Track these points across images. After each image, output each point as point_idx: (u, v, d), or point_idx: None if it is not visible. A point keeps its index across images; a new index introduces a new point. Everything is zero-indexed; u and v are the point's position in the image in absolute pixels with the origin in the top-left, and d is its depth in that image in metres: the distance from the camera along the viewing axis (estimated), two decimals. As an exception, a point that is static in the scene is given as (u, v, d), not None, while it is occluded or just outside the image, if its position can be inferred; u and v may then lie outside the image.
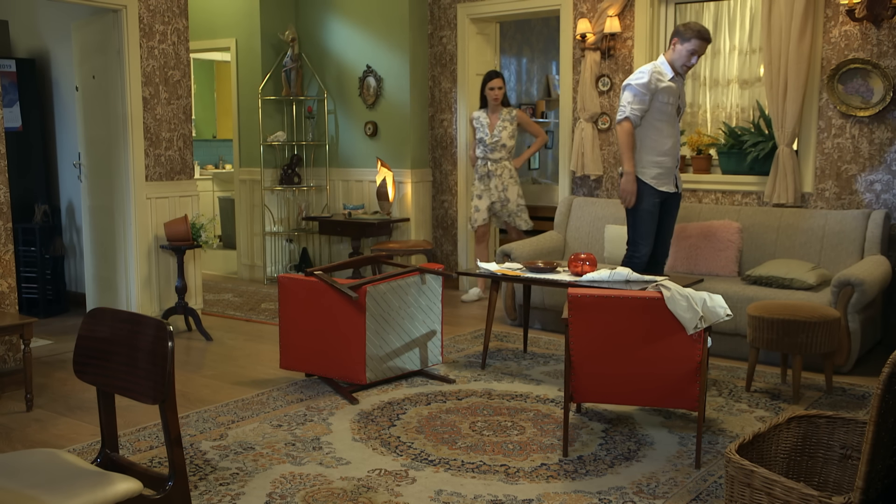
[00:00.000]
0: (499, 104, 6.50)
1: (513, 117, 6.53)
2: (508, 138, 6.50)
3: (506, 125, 6.49)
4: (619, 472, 3.37)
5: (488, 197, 6.58)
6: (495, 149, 6.50)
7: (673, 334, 3.34)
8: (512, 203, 6.54)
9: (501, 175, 6.53)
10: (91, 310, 2.46)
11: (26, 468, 2.21)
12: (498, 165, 6.53)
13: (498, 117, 6.52)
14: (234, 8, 7.75)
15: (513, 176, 6.58)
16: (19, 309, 4.84)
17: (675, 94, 4.90)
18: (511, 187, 6.54)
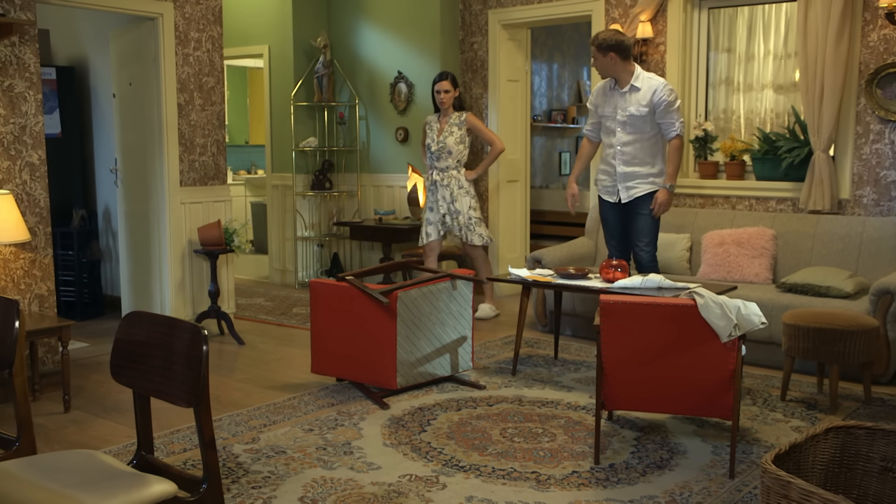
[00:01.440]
0: (448, 108, 6.05)
1: (462, 121, 6.04)
2: (455, 144, 6.00)
3: (453, 130, 6.02)
4: (652, 481, 3.34)
5: (438, 210, 6.11)
6: (441, 156, 6.03)
7: (706, 342, 3.31)
8: (463, 216, 6.04)
9: (449, 185, 6.04)
10: (128, 313, 2.50)
11: (65, 468, 2.25)
12: (445, 175, 6.06)
13: (447, 122, 6.08)
14: (268, 15, 7.83)
15: (462, 186, 6.06)
16: (57, 312, 4.91)
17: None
18: (461, 199, 6.04)
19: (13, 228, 4.22)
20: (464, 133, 6.03)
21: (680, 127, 4.94)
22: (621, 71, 4.94)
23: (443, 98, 5.99)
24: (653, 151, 5.02)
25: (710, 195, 6.03)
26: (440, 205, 6.06)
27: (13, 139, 4.60)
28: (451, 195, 6.02)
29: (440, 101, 5.99)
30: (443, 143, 6.00)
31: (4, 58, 4.53)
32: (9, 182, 4.58)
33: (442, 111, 6.07)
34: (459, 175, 6.06)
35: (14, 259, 4.64)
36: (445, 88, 5.99)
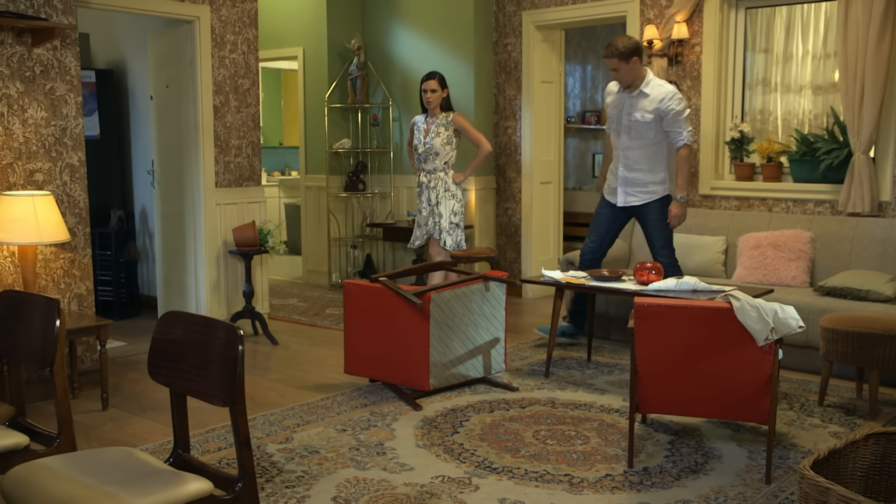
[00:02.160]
0: (435, 108, 5.77)
1: (449, 122, 5.76)
2: (442, 145, 5.73)
3: (440, 131, 5.74)
4: (686, 486, 3.30)
5: (424, 212, 5.87)
6: (428, 158, 5.78)
7: (742, 345, 3.27)
8: (444, 220, 5.75)
9: (435, 187, 5.78)
10: (165, 313, 2.53)
11: (104, 465, 2.28)
12: (432, 177, 5.80)
13: (434, 122, 5.82)
14: (302, 18, 7.89)
15: (448, 189, 5.79)
16: (95, 311, 4.99)
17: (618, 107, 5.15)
18: (445, 202, 5.77)
19: (54, 229, 4.29)
20: (451, 134, 5.78)
21: (688, 136, 4.98)
22: (637, 75, 4.99)
23: (429, 98, 5.72)
24: (655, 159, 5.08)
25: (745, 197, 5.96)
26: (424, 206, 5.84)
27: (54, 141, 4.68)
28: (437, 197, 5.77)
29: (426, 100, 5.74)
30: (429, 144, 5.75)
31: (46, 61, 4.62)
32: (50, 183, 4.67)
33: (429, 111, 5.81)
34: (447, 177, 5.81)
35: (54, 259, 4.72)
36: (432, 88, 5.72)
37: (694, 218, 5.94)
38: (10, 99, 4.48)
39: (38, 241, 4.24)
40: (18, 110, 4.52)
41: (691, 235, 5.82)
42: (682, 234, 5.85)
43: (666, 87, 4.98)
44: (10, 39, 4.47)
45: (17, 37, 4.49)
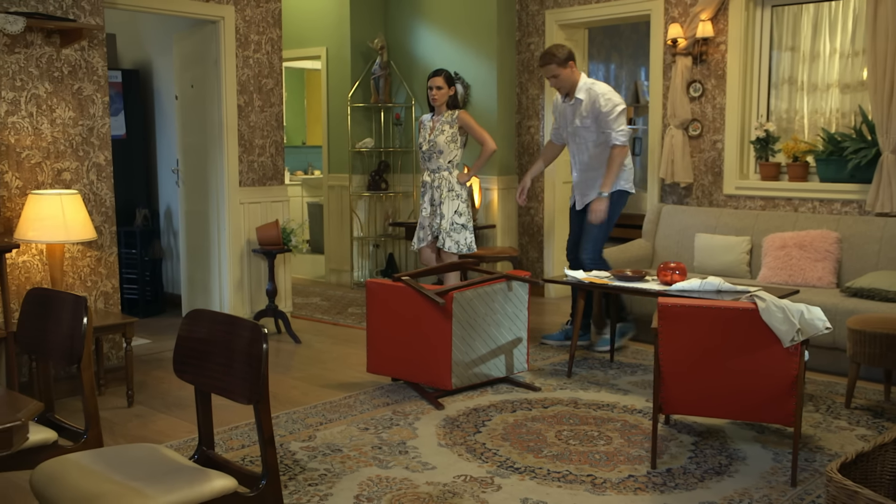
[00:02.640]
0: (441, 105, 5.65)
1: (454, 119, 5.63)
2: (446, 143, 5.60)
3: (444, 128, 5.61)
4: (710, 487, 3.28)
5: (426, 213, 5.73)
6: (431, 156, 5.66)
7: (768, 347, 3.24)
8: (446, 220, 5.60)
9: (439, 187, 5.64)
10: (190, 311, 2.54)
11: (130, 461, 2.30)
12: (436, 176, 5.67)
13: (439, 120, 5.69)
14: (326, 18, 7.92)
15: (452, 189, 5.64)
16: (121, 309, 5.04)
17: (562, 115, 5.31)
18: (448, 202, 5.62)
19: (81, 227, 4.34)
20: (455, 132, 5.63)
21: (618, 136, 5.11)
22: (573, 80, 5.18)
23: (434, 95, 5.60)
24: (603, 159, 5.25)
25: (771, 197, 5.91)
26: (426, 206, 5.71)
27: (81, 140, 4.73)
28: (441, 197, 5.63)
29: (432, 97, 5.62)
30: (433, 141, 5.62)
31: (74, 61, 4.67)
32: (77, 182, 4.72)
33: (435, 109, 5.70)
34: (451, 177, 5.67)
35: (81, 257, 4.78)
36: (438, 85, 5.60)
37: (719, 218, 5.90)
38: (38, 99, 4.54)
39: (66, 239, 4.29)
40: (47, 110, 4.58)
41: (715, 236, 5.78)
42: (707, 234, 5.82)
43: (596, 90, 5.13)
44: (40, 40, 4.52)
45: (46, 38, 4.54)
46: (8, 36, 4.37)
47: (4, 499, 3.18)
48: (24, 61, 4.47)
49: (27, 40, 4.47)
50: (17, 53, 4.44)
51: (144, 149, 6.85)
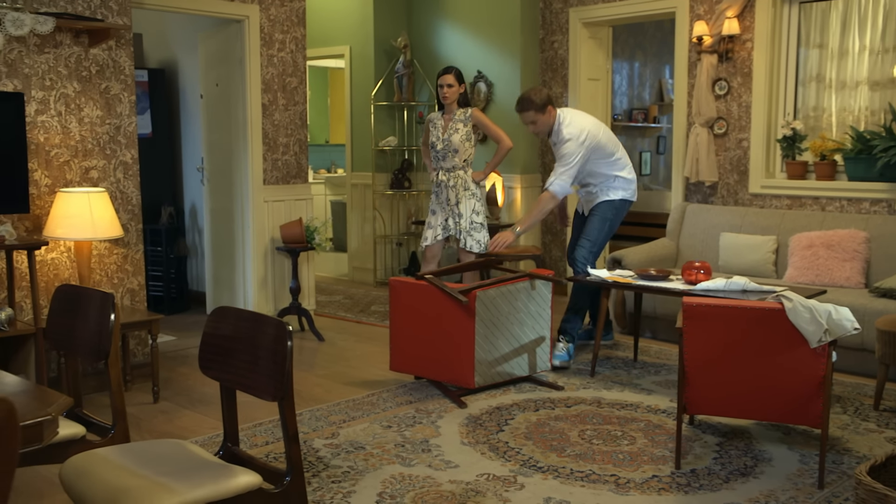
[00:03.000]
0: (452, 103, 5.59)
1: (467, 118, 5.58)
2: (461, 142, 5.55)
3: (458, 127, 5.56)
4: (735, 489, 3.25)
5: (442, 212, 5.65)
6: (446, 155, 5.58)
7: (794, 347, 3.21)
8: (465, 220, 5.55)
9: (455, 186, 5.59)
10: (215, 308, 2.56)
11: (157, 456, 2.32)
12: (451, 175, 5.60)
13: (451, 119, 5.64)
14: (349, 16, 7.94)
15: (468, 188, 5.62)
16: (147, 306, 5.09)
17: None
18: (465, 200, 5.58)
19: (108, 225, 4.39)
20: (469, 130, 5.61)
21: (555, 184, 4.97)
22: (551, 122, 5.08)
23: (446, 93, 5.53)
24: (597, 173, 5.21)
25: (797, 196, 5.85)
26: (443, 206, 5.65)
27: (108, 139, 4.78)
28: (457, 196, 5.59)
29: (443, 95, 5.55)
30: (448, 140, 5.55)
31: (102, 61, 4.72)
32: (104, 180, 4.77)
33: (446, 108, 5.63)
34: (466, 175, 5.64)
35: (108, 254, 4.83)
36: (448, 83, 5.54)
37: (744, 217, 5.85)
38: (67, 98, 4.59)
39: (93, 236, 4.34)
40: (75, 109, 4.63)
41: (741, 235, 5.73)
42: (732, 233, 5.77)
43: (569, 130, 4.98)
44: (68, 40, 4.58)
45: (74, 38, 4.59)
46: (38, 36, 4.42)
47: (34, 492, 3.23)
48: (53, 61, 4.52)
49: (56, 40, 4.52)
50: (47, 53, 4.49)
51: (170, 147, 6.90)
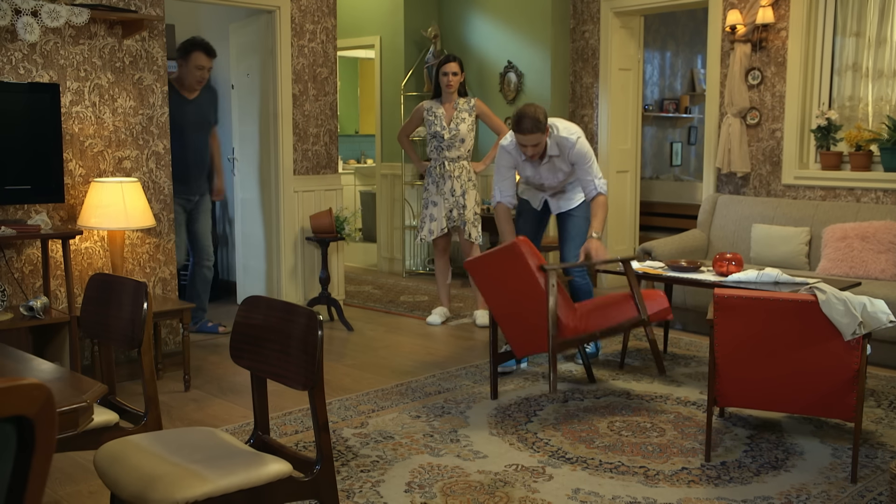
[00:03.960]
0: (454, 93, 5.62)
1: (471, 107, 5.62)
2: (468, 132, 5.59)
3: (464, 117, 5.59)
4: (766, 482, 3.23)
5: (444, 203, 5.66)
6: (453, 145, 5.58)
7: (828, 340, 3.17)
8: (469, 210, 5.62)
9: (460, 176, 5.62)
10: (246, 298, 2.58)
11: (189, 444, 2.35)
12: (456, 165, 5.61)
13: (454, 108, 5.60)
14: (380, 7, 7.94)
15: (472, 179, 5.66)
16: (178, 295, 5.14)
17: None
18: (469, 192, 5.65)
19: (140, 214, 4.44)
20: (474, 120, 5.63)
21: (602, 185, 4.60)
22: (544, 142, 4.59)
23: (450, 81, 5.56)
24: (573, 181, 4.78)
25: (832, 187, 5.76)
26: (447, 197, 5.62)
27: (141, 129, 4.83)
28: (462, 187, 5.60)
29: (447, 83, 5.56)
30: (455, 130, 5.56)
31: (135, 52, 4.76)
32: (137, 170, 4.82)
33: (445, 96, 5.63)
34: (469, 166, 5.67)
35: (140, 244, 4.88)
36: (454, 70, 5.56)
37: (777, 208, 5.77)
38: (101, 89, 4.64)
39: (126, 226, 4.40)
40: (109, 100, 4.68)
41: (773, 226, 5.66)
42: (764, 224, 5.70)
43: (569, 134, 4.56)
44: (103, 32, 4.63)
45: (108, 29, 4.64)
46: (73, 28, 4.47)
47: (68, 477, 3.29)
48: (87, 52, 4.58)
49: (91, 31, 4.57)
50: (82, 45, 4.55)
51: (201, 138, 6.95)
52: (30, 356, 2.50)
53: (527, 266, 3.93)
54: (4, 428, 1.25)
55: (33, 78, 4.38)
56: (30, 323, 4.10)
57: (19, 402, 1.23)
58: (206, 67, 5.31)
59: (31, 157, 4.27)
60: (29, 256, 4.46)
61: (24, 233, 4.09)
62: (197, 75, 5.29)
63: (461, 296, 6.78)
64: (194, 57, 5.24)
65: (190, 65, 5.26)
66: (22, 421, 1.26)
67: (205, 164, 5.57)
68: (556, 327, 3.90)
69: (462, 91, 5.68)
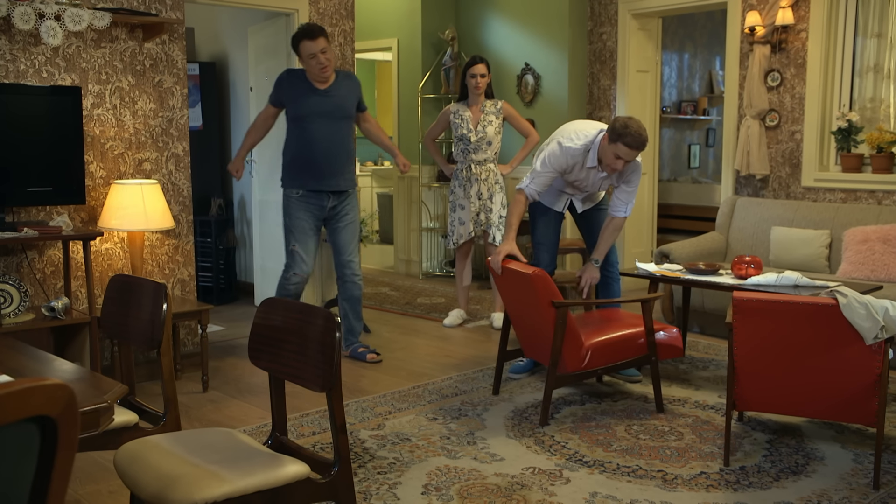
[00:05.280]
0: (481, 95, 5.60)
1: (498, 110, 5.59)
2: (495, 134, 5.57)
3: (491, 119, 5.57)
4: (786, 487, 3.20)
5: (471, 207, 5.64)
6: (480, 148, 5.56)
7: (849, 344, 3.14)
8: (494, 214, 5.62)
9: (487, 179, 5.61)
10: (265, 299, 2.59)
11: (207, 445, 2.36)
12: (483, 168, 5.60)
13: (481, 111, 5.60)
14: (398, 9, 7.96)
15: (499, 181, 5.64)
16: (196, 296, 5.17)
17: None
18: (496, 194, 5.62)
19: (160, 216, 4.47)
20: (501, 123, 5.61)
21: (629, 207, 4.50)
22: None
23: (478, 83, 5.53)
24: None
25: (852, 189, 5.72)
26: (473, 201, 5.62)
27: (161, 132, 4.86)
28: (489, 190, 5.60)
29: (475, 85, 5.53)
30: (482, 132, 5.54)
31: (155, 55, 4.80)
32: (156, 172, 4.86)
33: (472, 98, 5.62)
34: (496, 169, 5.65)
35: (160, 245, 4.92)
36: (482, 72, 5.53)
37: (796, 211, 5.73)
38: (122, 92, 4.68)
39: (146, 227, 4.43)
40: (129, 102, 4.72)
41: (793, 229, 5.62)
42: (783, 227, 5.66)
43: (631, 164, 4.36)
44: (124, 35, 4.66)
45: (129, 32, 4.68)
46: (95, 31, 4.51)
47: (89, 476, 3.31)
48: (109, 55, 4.61)
49: (112, 35, 4.61)
50: (103, 48, 4.59)
51: (220, 139, 7.00)
52: (51, 356, 2.52)
53: (539, 299, 3.92)
54: (28, 428, 1.26)
55: (56, 81, 4.42)
56: (51, 323, 4.14)
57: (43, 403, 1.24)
58: (319, 51, 4.65)
59: (54, 159, 4.31)
60: (50, 257, 4.50)
61: (45, 234, 4.13)
62: (313, 64, 4.70)
63: (478, 298, 6.77)
64: (301, 48, 4.69)
65: (302, 57, 4.73)
66: (45, 421, 1.27)
67: (341, 159, 4.92)
68: (557, 365, 3.90)
69: (489, 93, 5.65)
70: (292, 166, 4.90)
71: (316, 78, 4.78)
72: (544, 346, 4.00)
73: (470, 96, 5.64)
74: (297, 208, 4.89)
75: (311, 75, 4.79)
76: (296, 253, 4.90)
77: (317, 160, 4.83)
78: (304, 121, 4.80)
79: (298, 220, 4.89)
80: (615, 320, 4.26)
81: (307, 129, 4.81)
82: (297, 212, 4.89)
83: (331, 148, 4.86)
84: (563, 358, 3.91)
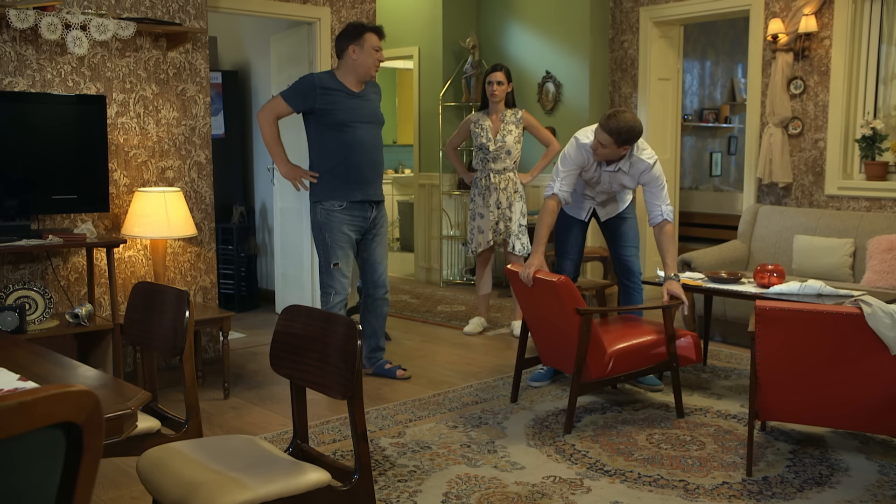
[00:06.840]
0: (501, 103, 5.57)
1: (518, 119, 5.57)
2: (514, 143, 5.55)
3: (511, 128, 5.55)
4: (810, 498, 3.17)
5: (490, 215, 5.62)
6: (499, 157, 5.55)
7: (873, 354, 3.11)
8: (514, 223, 5.60)
9: (506, 188, 5.59)
10: (286, 307, 2.60)
11: (229, 452, 2.38)
12: (502, 177, 5.58)
13: (501, 120, 5.58)
14: (419, 18, 7.99)
15: (518, 190, 5.62)
16: (218, 303, 5.20)
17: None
18: (515, 203, 5.61)
19: (182, 224, 4.51)
20: (521, 132, 5.58)
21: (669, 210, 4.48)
22: None
23: (495, 90, 5.48)
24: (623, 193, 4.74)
25: (877, 198, 5.66)
26: (492, 210, 5.60)
27: (184, 140, 4.91)
28: (508, 199, 5.59)
29: (492, 93, 5.49)
30: (501, 142, 5.52)
31: (179, 64, 4.85)
32: (179, 180, 4.90)
33: (491, 107, 5.58)
34: (516, 178, 5.63)
35: (182, 252, 4.96)
36: (499, 80, 5.48)
37: (820, 219, 5.68)
38: (146, 100, 4.73)
39: (168, 235, 4.47)
40: (153, 111, 4.77)
41: (816, 237, 5.57)
42: (806, 235, 5.62)
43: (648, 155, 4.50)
44: (148, 44, 4.72)
45: (153, 41, 4.73)
46: (120, 41, 4.57)
47: (112, 482, 3.34)
48: (133, 64, 4.67)
49: (137, 44, 4.67)
50: (128, 57, 4.64)
51: (241, 148, 7.05)
52: (76, 363, 2.55)
53: (564, 306, 3.92)
54: (54, 434, 1.28)
55: (81, 90, 4.48)
56: (75, 330, 4.18)
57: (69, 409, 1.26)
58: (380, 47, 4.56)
59: (78, 167, 4.36)
60: (74, 264, 4.55)
61: (70, 241, 4.17)
62: (376, 57, 4.52)
63: (499, 306, 6.77)
64: (367, 39, 4.49)
65: (366, 47, 4.48)
66: (71, 427, 1.28)
67: (382, 166, 4.77)
68: (581, 372, 3.90)
69: (510, 102, 5.63)
70: (333, 176, 4.55)
71: (364, 76, 4.55)
72: (567, 354, 4.00)
73: (489, 104, 5.65)
74: (339, 222, 4.55)
75: (362, 71, 4.52)
76: (338, 272, 4.58)
77: (362, 168, 4.56)
78: (347, 126, 4.52)
79: (342, 235, 4.56)
80: (635, 327, 4.26)
81: (353, 136, 4.53)
82: (341, 225, 4.55)
83: (374, 154, 4.64)
84: (587, 365, 3.90)
